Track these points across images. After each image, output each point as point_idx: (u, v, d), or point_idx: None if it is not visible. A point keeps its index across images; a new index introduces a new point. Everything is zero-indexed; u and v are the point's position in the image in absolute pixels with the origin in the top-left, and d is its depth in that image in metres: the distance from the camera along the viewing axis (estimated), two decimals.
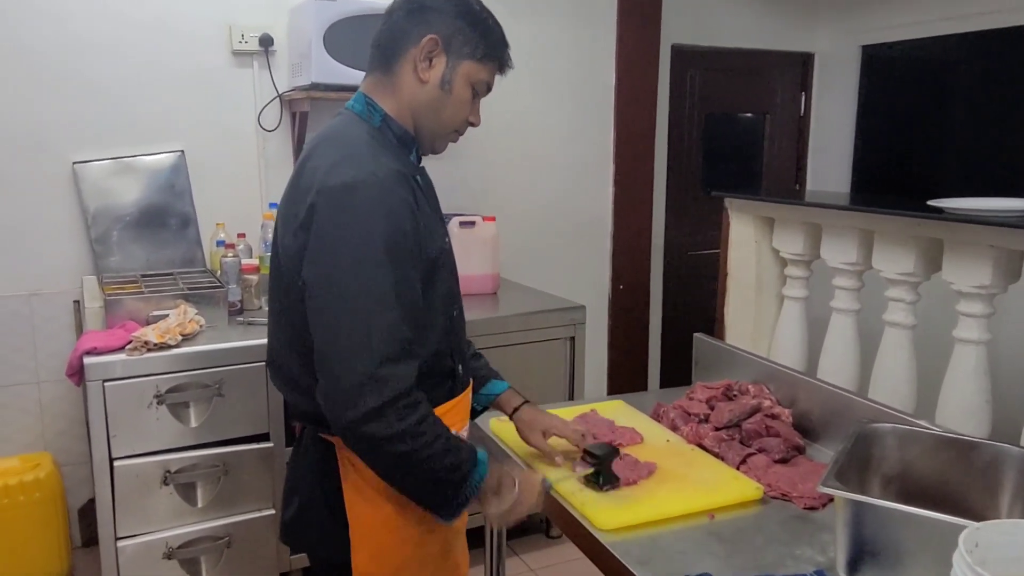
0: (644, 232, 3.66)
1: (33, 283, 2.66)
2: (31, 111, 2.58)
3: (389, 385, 1.14)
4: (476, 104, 1.39)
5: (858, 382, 2.51)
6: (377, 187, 1.20)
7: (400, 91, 1.33)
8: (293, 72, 2.80)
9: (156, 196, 2.75)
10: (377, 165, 1.23)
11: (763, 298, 2.82)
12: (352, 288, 1.17)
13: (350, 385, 1.14)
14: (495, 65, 1.37)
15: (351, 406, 1.13)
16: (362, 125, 1.32)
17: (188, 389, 2.22)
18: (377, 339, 1.15)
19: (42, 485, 2.50)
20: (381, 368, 1.14)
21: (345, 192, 1.19)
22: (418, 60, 1.30)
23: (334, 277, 1.18)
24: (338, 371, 1.15)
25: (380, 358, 1.14)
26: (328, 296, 1.18)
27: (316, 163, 1.26)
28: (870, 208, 2.27)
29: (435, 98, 1.32)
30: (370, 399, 1.13)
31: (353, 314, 1.16)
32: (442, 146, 1.42)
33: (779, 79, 4.28)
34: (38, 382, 2.69)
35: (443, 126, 1.36)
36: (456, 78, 1.32)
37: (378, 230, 1.18)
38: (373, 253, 1.17)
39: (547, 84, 3.39)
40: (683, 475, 1.48)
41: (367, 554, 1.33)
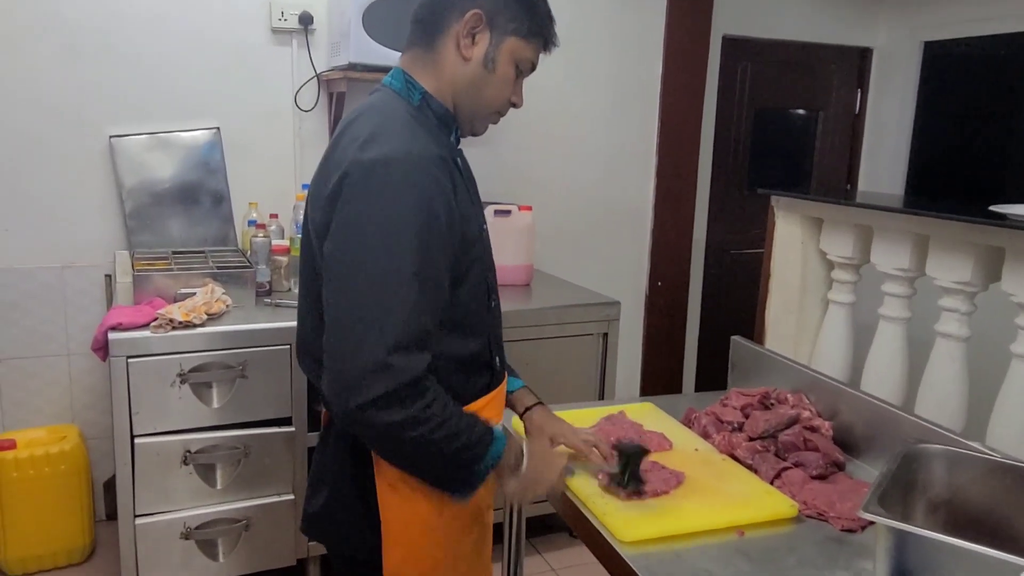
0: (685, 228, 3.55)
1: (66, 255, 2.66)
2: (69, 84, 2.58)
3: (397, 374, 1.08)
4: (519, 83, 1.32)
5: (904, 395, 2.39)
6: (411, 165, 1.14)
7: (441, 68, 1.27)
8: (332, 52, 2.76)
9: (190, 173, 2.73)
10: (414, 143, 1.17)
11: (807, 302, 2.70)
12: (372, 267, 1.10)
13: (357, 371, 1.08)
14: (540, 42, 1.31)
15: (355, 393, 1.08)
16: (401, 102, 1.27)
17: (211, 369, 2.19)
18: (392, 324, 1.09)
19: (67, 457, 2.51)
20: (391, 356, 1.08)
21: (377, 167, 1.13)
22: (461, 36, 1.24)
23: (354, 254, 1.12)
24: (346, 354, 1.09)
25: (392, 345, 1.08)
26: (345, 274, 1.12)
27: (350, 137, 1.21)
28: (926, 211, 2.14)
29: (477, 76, 1.26)
30: (376, 387, 1.07)
31: (369, 295, 1.10)
32: (482, 127, 1.36)
33: (835, 75, 4.12)
34: (68, 354, 2.70)
35: (485, 106, 1.30)
36: (500, 55, 1.26)
37: (408, 210, 1.12)
38: (399, 233, 1.11)
39: (590, 71, 3.30)
40: (712, 487, 1.39)
41: (400, 554, 1.29)
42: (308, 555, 2.42)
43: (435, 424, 1.12)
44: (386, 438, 1.13)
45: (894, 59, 4.10)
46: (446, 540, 1.32)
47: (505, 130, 3.12)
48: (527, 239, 2.87)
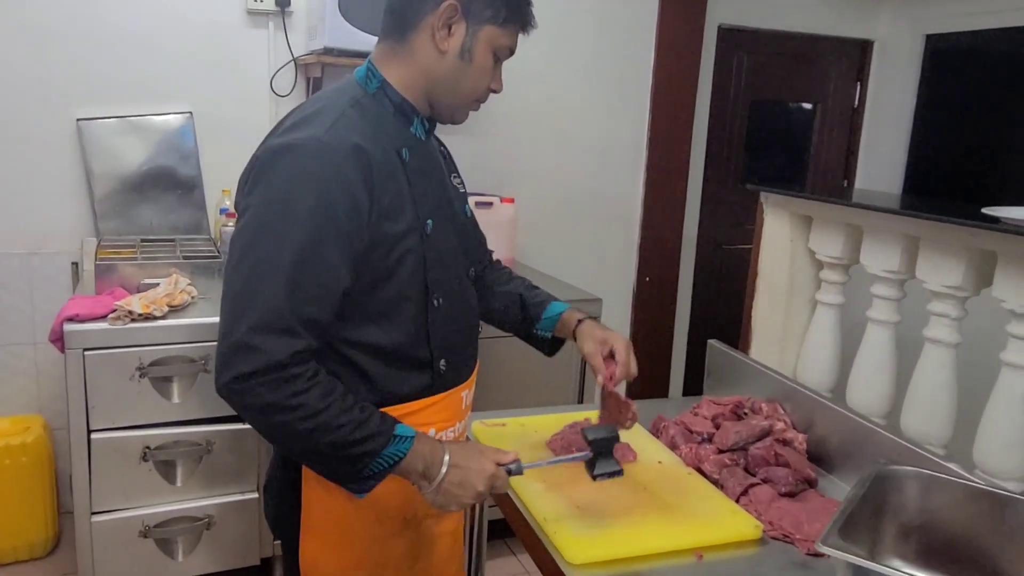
0: (676, 223, 3.46)
1: (33, 242, 2.59)
2: (35, 63, 2.49)
3: (258, 356, 1.07)
4: (498, 70, 1.30)
5: (891, 401, 2.31)
6: (315, 154, 1.11)
7: (414, 61, 1.24)
8: (309, 35, 2.67)
9: (162, 158, 2.65)
10: (331, 132, 1.14)
11: (795, 302, 2.62)
12: (254, 251, 1.11)
13: (226, 347, 1.09)
14: (518, 26, 1.27)
15: (223, 368, 1.09)
16: (352, 91, 1.23)
17: (172, 363, 2.12)
18: (257, 306, 1.08)
19: (29, 449, 2.44)
20: (251, 336, 1.07)
21: (280, 152, 1.13)
22: (436, 28, 1.21)
23: (244, 238, 1.13)
24: (222, 331, 1.11)
25: (253, 326, 1.08)
26: (235, 256, 1.13)
27: (282, 123, 1.22)
28: (917, 212, 2.06)
29: (454, 68, 1.24)
30: (238, 365, 1.08)
31: (246, 277, 1.10)
32: (463, 116, 1.33)
33: (833, 67, 4.01)
34: (35, 343, 2.63)
35: (463, 97, 1.28)
36: (477, 45, 1.23)
37: (299, 197, 1.10)
38: (283, 219, 1.10)
39: (580, 61, 3.20)
40: (673, 504, 1.31)
41: (317, 543, 1.27)
42: (274, 554, 2.35)
43: (305, 414, 1.10)
44: (253, 419, 1.14)
45: (895, 52, 3.99)
46: (368, 540, 1.28)
47: (490, 121, 3.03)
48: (508, 232, 2.79)
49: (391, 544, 1.30)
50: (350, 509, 1.24)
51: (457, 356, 1.35)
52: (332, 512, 1.25)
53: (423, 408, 1.28)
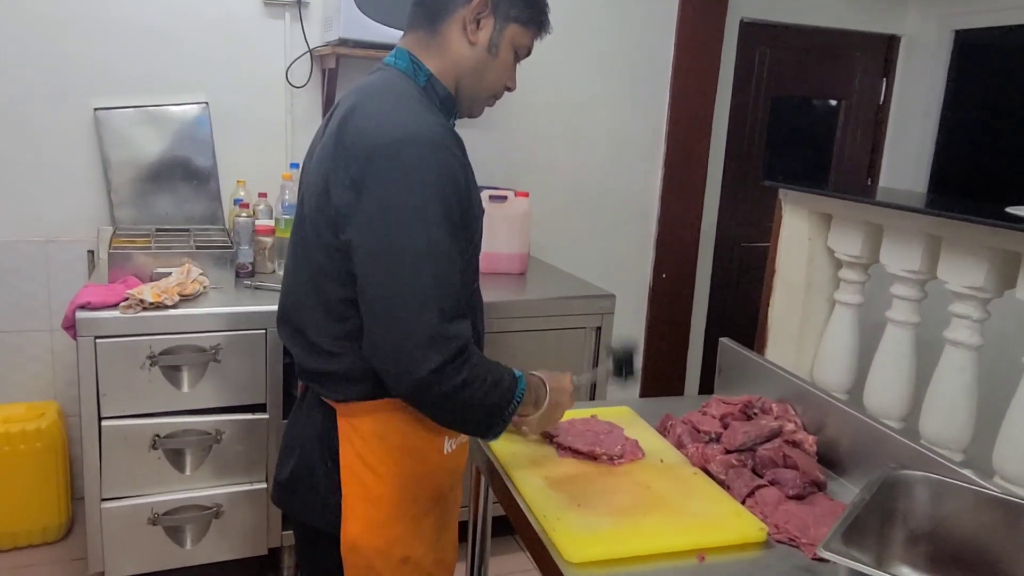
0: (693, 219, 3.42)
1: (50, 230, 2.60)
2: (53, 54, 2.50)
3: (451, 342, 1.14)
4: (515, 68, 1.37)
5: (910, 403, 2.26)
6: (434, 142, 1.18)
7: (446, 52, 1.30)
8: (325, 27, 2.66)
9: (178, 148, 2.65)
10: (431, 120, 1.21)
11: (812, 301, 2.58)
12: (414, 243, 1.14)
13: (416, 344, 1.12)
14: (537, 28, 1.35)
15: (418, 363, 1.12)
16: (408, 82, 1.28)
17: (182, 352, 2.12)
18: (440, 295, 1.14)
19: (43, 435, 2.46)
20: (444, 326, 1.13)
21: (403, 146, 1.16)
22: (467, 21, 1.28)
23: (394, 233, 1.15)
24: (403, 329, 1.13)
25: (444, 315, 1.14)
26: (389, 253, 1.15)
27: (365, 115, 1.22)
28: (938, 211, 2.01)
29: (481, 61, 1.30)
30: (435, 357, 1.12)
31: (416, 270, 1.14)
32: (479, 110, 1.40)
33: (859, 63, 3.94)
34: (51, 330, 2.65)
35: (484, 90, 1.35)
36: (503, 41, 1.31)
37: (436, 185, 1.16)
38: (433, 208, 1.15)
39: (598, 55, 3.16)
40: (676, 504, 1.29)
41: (359, 526, 1.31)
42: (282, 544, 2.35)
43: (481, 380, 1.19)
44: (446, 404, 1.18)
45: (922, 47, 3.90)
46: (405, 518, 1.33)
47: (508, 114, 3.01)
48: (523, 226, 2.76)
49: (424, 522, 1.36)
50: (392, 491, 1.30)
51: (479, 336, 1.41)
52: (375, 495, 1.30)
53: None
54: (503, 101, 1.43)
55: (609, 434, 1.47)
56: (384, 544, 1.31)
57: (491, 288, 2.59)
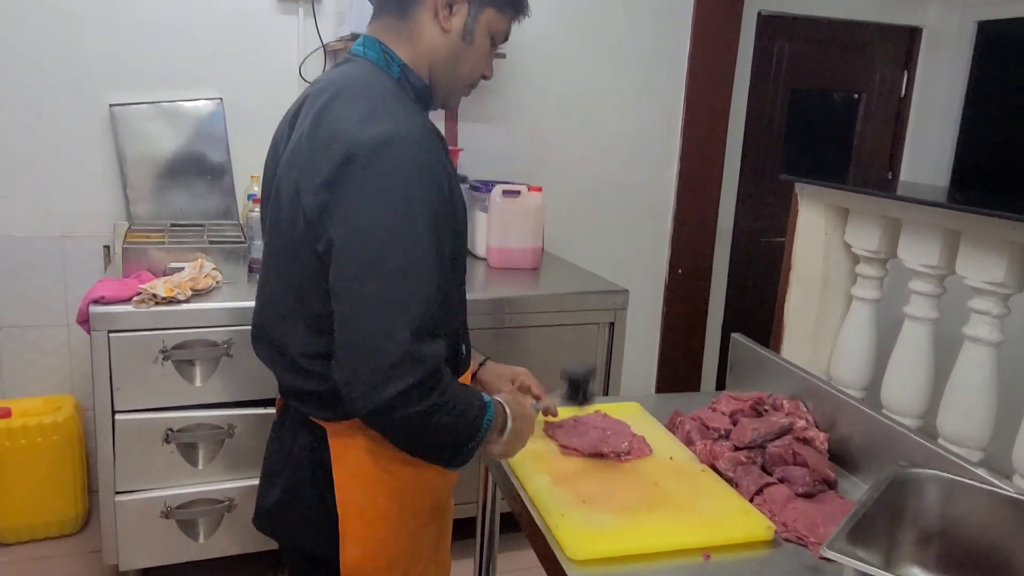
0: (710, 214, 3.38)
1: (66, 225, 2.63)
2: (69, 49, 2.53)
3: (422, 364, 1.05)
4: (491, 55, 1.29)
5: (928, 400, 2.22)
6: (415, 143, 1.10)
7: (418, 39, 1.22)
8: (339, 21, 2.66)
9: (192, 144, 2.67)
10: (412, 119, 1.13)
11: (829, 296, 2.54)
12: (391, 255, 1.06)
13: (387, 363, 1.03)
14: (514, 12, 1.27)
15: (383, 385, 1.03)
16: (381, 74, 1.20)
17: (195, 347, 2.13)
18: (416, 313, 1.05)
19: (60, 428, 2.49)
20: (417, 345, 1.04)
21: (382, 147, 1.07)
22: (439, 6, 1.19)
23: (370, 242, 1.06)
24: (374, 347, 1.04)
25: (417, 334, 1.05)
26: (363, 264, 1.06)
27: (339, 114, 1.12)
28: (957, 205, 1.97)
29: (455, 49, 1.23)
30: (404, 379, 1.04)
31: (392, 284, 1.05)
32: (456, 101, 1.33)
33: (879, 55, 3.88)
34: (67, 324, 2.68)
35: (460, 80, 1.27)
36: (477, 28, 1.23)
37: (418, 191, 1.08)
38: (415, 219, 1.07)
39: (612, 48, 3.13)
40: (682, 502, 1.27)
41: (359, 548, 1.25)
42: None
43: (449, 408, 1.10)
44: (411, 428, 1.09)
45: (944, 39, 3.83)
46: (404, 535, 1.29)
47: (521, 108, 2.99)
48: (536, 221, 2.74)
49: (423, 535, 1.32)
50: (389, 506, 1.25)
51: (468, 340, 1.37)
52: (373, 514, 1.25)
53: None
54: (515, 94, 1.39)
55: (615, 431, 1.45)
56: (385, 563, 1.27)
57: (504, 283, 2.58)
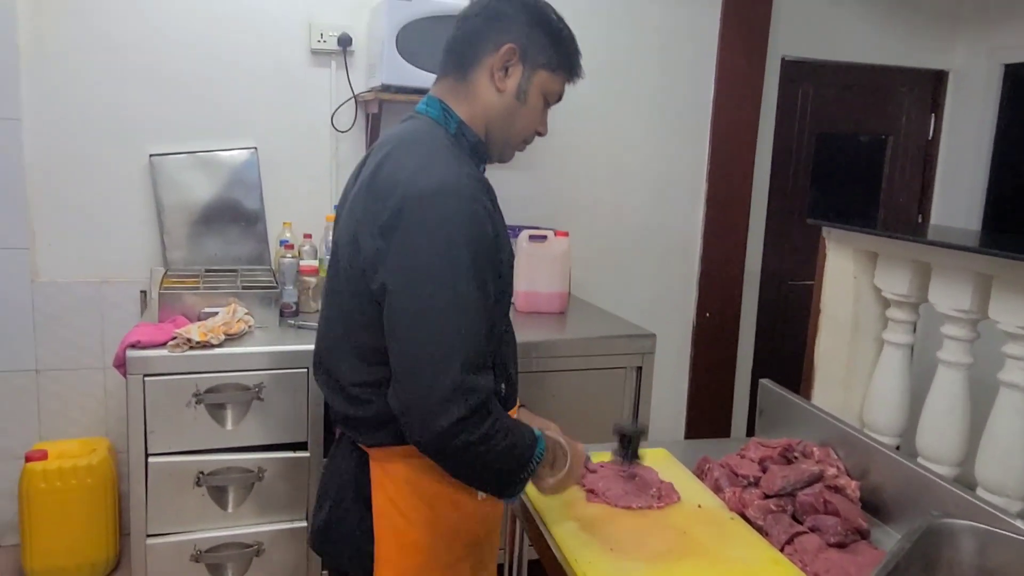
0: (737, 257, 3.38)
1: (105, 270, 2.70)
2: (113, 103, 2.63)
3: (473, 395, 1.13)
4: (545, 114, 1.38)
5: (964, 447, 2.18)
6: (463, 193, 1.19)
7: (475, 98, 1.32)
8: (369, 73, 2.74)
9: (227, 192, 2.74)
10: (462, 172, 1.22)
11: (860, 341, 2.52)
12: (441, 295, 1.15)
13: (440, 395, 1.12)
14: (567, 75, 1.36)
15: (439, 413, 1.12)
16: (439, 130, 1.30)
17: (227, 390, 2.16)
18: (465, 347, 1.14)
19: (94, 471, 2.53)
20: (468, 377, 1.13)
21: (433, 197, 1.17)
22: (495, 68, 1.29)
23: (420, 286, 1.16)
24: (427, 380, 1.13)
25: (467, 367, 1.13)
26: (414, 305, 1.16)
27: (397, 165, 1.24)
28: (987, 250, 1.96)
29: (510, 107, 1.32)
30: (456, 410, 1.12)
31: (443, 322, 1.15)
32: (510, 155, 1.41)
33: (906, 98, 3.88)
34: (104, 368, 2.73)
35: (514, 135, 1.36)
36: (531, 88, 1.32)
37: (464, 237, 1.16)
38: (461, 260, 1.16)
39: (638, 94, 3.18)
40: (712, 551, 1.26)
41: (392, 572, 1.30)
42: None
43: (501, 436, 1.17)
44: (464, 457, 1.16)
45: (972, 82, 3.83)
46: (438, 566, 1.32)
47: (548, 154, 3.04)
48: (562, 265, 2.76)
49: (458, 568, 1.35)
50: (424, 538, 1.30)
51: (512, 380, 1.41)
52: (407, 542, 1.30)
53: None
54: (542, 140, 1.44)
55: (643, 478, 1.45)
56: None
57: (531, 327, 2.59)
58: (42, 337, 2.67)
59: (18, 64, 2.53)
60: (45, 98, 2.57)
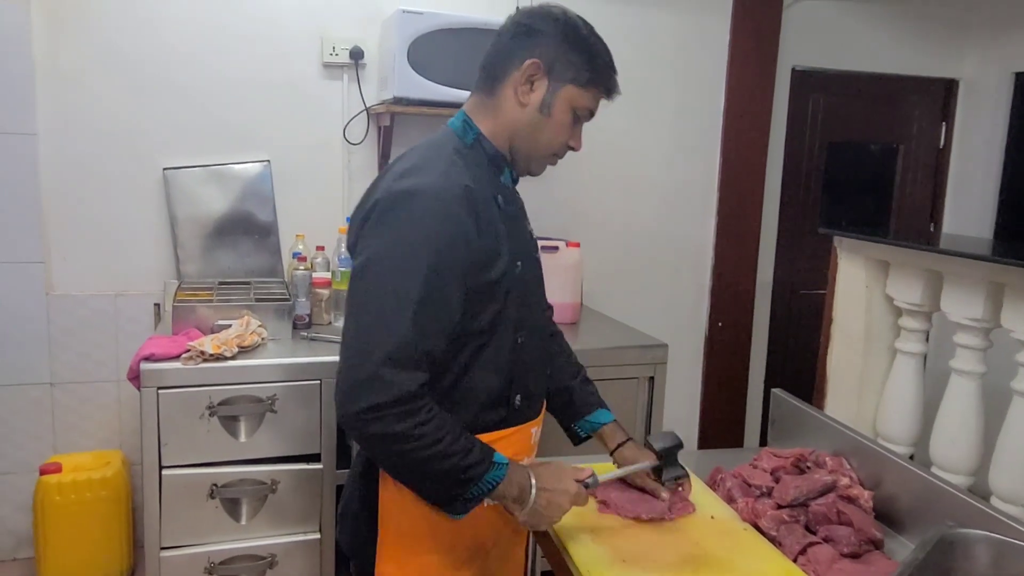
0: (749, 267, 3.38)
1: (120, 283, 2.73)
2: (127, 117, 2.66)
3: (387, 388, 1.15)
4: (578, 128, 1.39)
5: (979, 456, 2.16)
6: (441, 196, 1.20)
7: (500, 113, 1.33)
8: (380, 86, 2.76)
9: (241, 205, 2.77)
10: (444, 178, 1.23)
11: (872, 350, 2.51)
12: (382, 288, 1.18)
13: (356, 379, 1.16)
14: (599, 91, 1.36)
15: (353, 399, 1.15)
16: (453, 140, 1.33)
17: (240, 402, 2.18)
18: (388, 341, 1.16)
19: (108, 483, 2.55)
20: (384, 369, 1.15)
21: (403, 197, 1.21)
22: (519, 83, 1.31)
23: (370, 275, 1.20)
24: (350, 363, 1.17)
25: (386, 359, 1.15)
26: (360, 292, 1.21)
27: (395, 168, 1.29)
28: (999, 258, 1.95)
29: (533, 121, 1.32)
30: (371, 397, 1.14)
31: (376, 312, 1.18)
32: (539, 168, 1.41)
33: (916, 107, 3.88)
34: (118, 380, 2.75)
35: (540, 149, 1.36)
36: (556, 102, 1.32)
37: (424, 239, 1.18)
38: (412, 260, 1.18)
39: (649, 107, 3.20)
40: (724, 561, 1.26)
41: (393, 566, 1.32)
42: None
43: (425, 443, 1.17)
44: (377, 448, 1.20)
45: (982, 91, 3.82)
46: (440, 566, 1.33)
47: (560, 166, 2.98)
48: (574, 276, 2.77)
49: (464, 566, 1.35)
50: (423, 538, 1.31)
51: (531, 393, 1.40)
52: (411, 537, 1.31)
53: (495, 441, 1.31)
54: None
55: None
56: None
57: None
58: (57, 350, 2.70)
59: (34, 79, 2.57)
60: (60, 113, 2.61)
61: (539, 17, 1.32)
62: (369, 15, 2.80)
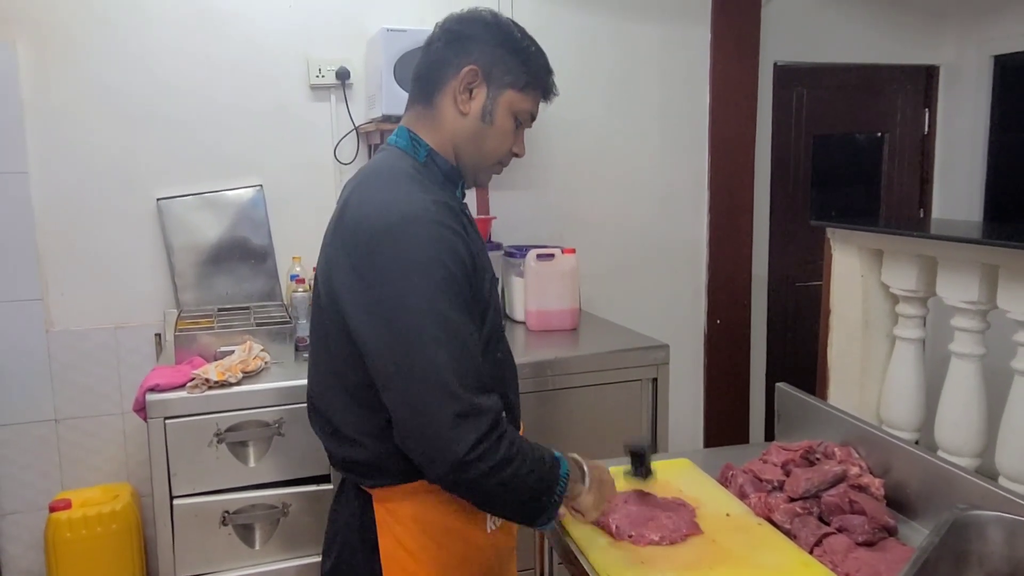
0: (743, 262, 3.40)
1: (119, 315, 2.73)
2: (119, 149, 2.67)
3: (485, 416, 1.10)
4: (520, 134, 1.35)
5: (984, 437, 2.19)
6: (429, 219, 1.16)
7: (442, 124, 1.30)
8: (368, 104, 2.78)
9: (236, 230, 2.77)
10: (426, 199, 1.19)
11: (871, 338, 2.53)
12: (424, 324, 1.11)
13: (447, 425, 1.08)
14: (539, 93, 1.33)
15: (452, 445, 1.08)
16: (406, 160, 1.29)
17: (247, 428, 2.18)
18: (460, 372, 1.11)
19: (118, 517, 2.54)
20: (471, 400, 1.10)
21: (400, 227, 1.15)
22: (458, 92, 1.27)
23: (402, 317, 1.12)
24: (431, 414, 1.10)
25: (468, 391, 1.10)
26: (400, 339, 1.12)
27: (361, 199, 1.23)
28: (992, 240, 1.97)
29: (476, 130, 1.29)
30: (469, 434, 1.08)
31: (432, 351, 1.10)
32: (485, 179, 1.39)
33: (899, 95, 3.92)
34: (122, 413, 2.75)
35: (485, 158, 1.33)
36: (497, 108, 1.28)
37: (436, 261, 1.14)
38: (437, 285, 1.13)
39: (635, 108, 3.22)
40: (742, 557, 1.27)
41: None
42: None
43: (523, 456, 1.14)
44: (488, 484, 1.12)
45: (963, 76, 3.87)
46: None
47: (550, 172, 3.07)
48: (571, 282, 2.78)
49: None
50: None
51: (512, 405, 1.38)
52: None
53: None
54: (543, 158, 1.43)
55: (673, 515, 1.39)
56: None
57: (544, 345, 2.61)
58: (59, 386, 2.69)
59: (23, 117, 2.57)
60: (51, 150, 2.61)
61: (470, 22, 1.28)
62: (353, 34, 2.82)
